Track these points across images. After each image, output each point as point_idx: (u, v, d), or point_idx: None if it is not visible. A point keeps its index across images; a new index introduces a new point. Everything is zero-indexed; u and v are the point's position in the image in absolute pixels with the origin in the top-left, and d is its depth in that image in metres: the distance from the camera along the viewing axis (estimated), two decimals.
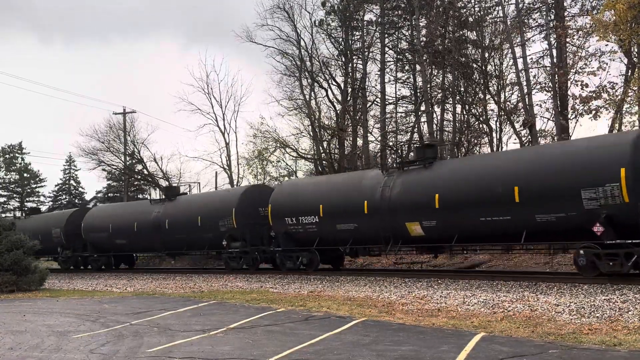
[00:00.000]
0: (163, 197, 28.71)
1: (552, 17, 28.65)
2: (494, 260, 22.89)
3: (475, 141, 32.24)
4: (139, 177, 47.97)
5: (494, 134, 31.05)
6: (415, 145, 25.89)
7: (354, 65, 36.95)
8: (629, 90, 23.63)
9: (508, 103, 29.82)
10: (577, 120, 26.49)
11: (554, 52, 27.77)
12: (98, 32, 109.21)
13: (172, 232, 26.33)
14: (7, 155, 68.62)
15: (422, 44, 31.33)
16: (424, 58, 31.15)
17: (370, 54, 36.46)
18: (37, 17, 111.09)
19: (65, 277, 29.04)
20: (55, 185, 68.44)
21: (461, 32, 31.96)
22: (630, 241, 13.71)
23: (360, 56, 36.52)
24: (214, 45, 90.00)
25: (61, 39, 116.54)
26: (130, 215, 29.11)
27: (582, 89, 25.35)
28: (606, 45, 25.27)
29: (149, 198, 29.32)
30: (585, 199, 14.26)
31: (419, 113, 34.18)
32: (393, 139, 36.35)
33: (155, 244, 27.57)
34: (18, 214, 57.41)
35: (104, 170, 47.93)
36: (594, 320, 10.49)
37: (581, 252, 14.57)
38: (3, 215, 59.39)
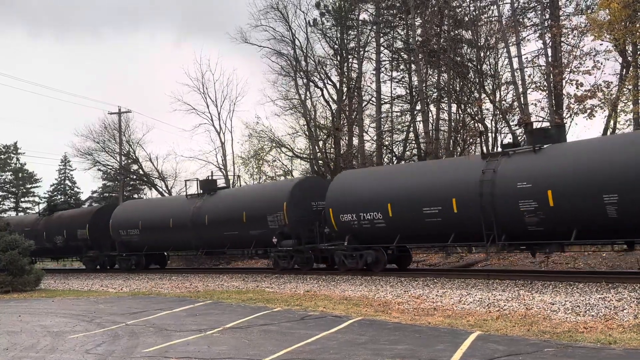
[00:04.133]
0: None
1: (547, 16, 28.71)
2: (489, 259, 22.93)
3: (471, 140, 32.31)
4: (135, 177, 47.93)
5: (490, 133, 31.11)
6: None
7: (350, 65, 36.99)
8: (624, 89, 23.73)
9: (503, 102, 29.90)
10: (573, 119, 26.59)
11: (549, 51, 27.84)
12: (89, 25, 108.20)
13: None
14: (2, 156, 68.41)
15: (417, 43, 31.37)
16: (420, 57, 31.19)
17: (366, 53, 36.52)
18: (25, 8, 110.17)
19: (61, 277, 28.97)
20: (51, 186, 68.12)
21: (456, 32, 32.02)
22: None
23: (356, 55, 36.55)
24: (209, 40, 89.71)
25: (51, 33, 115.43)
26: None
27: (577, 88, 25.46)
28: (601, 44, 25.40)
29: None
30: None
31: (415, 112, 34.22)
32: (389, 138, 36.38)
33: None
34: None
35: (99, 170, 47.90)
36: (589, 318, 10.52)
37: None
38: (6, 214, 59.01)
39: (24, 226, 32.89)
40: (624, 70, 25.20)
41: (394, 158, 34.98)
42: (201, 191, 26.06)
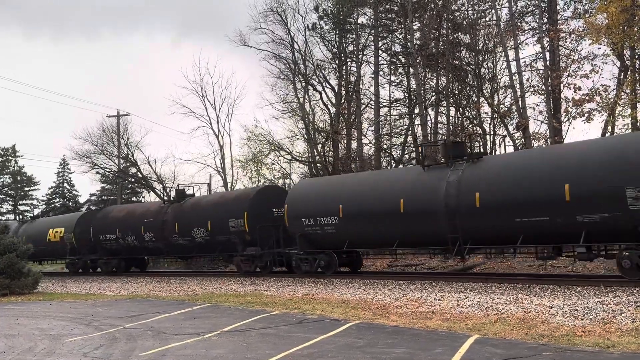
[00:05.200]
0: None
1: (545, 20, 28.80)
2: (488, 262, 22.92)
3: (469, 144, 32.34)
4: (133, 180, 47.85)
5: (488, 137, 31.16)
6: None
7: (348, 68, 37.03)
8: (622, 93, 23.77)
9: (502, 106, 29.94)
10: (570, 123, 26.65)
11: (547, 55, 27.92)
12: (87, 25, 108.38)
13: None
14: (1, 158, 68.39)
15: (415, 47, 31.43)
16: (418, 61, 31.24)
17: (364, 56, 36.58)
18: (22, 9, 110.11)
19: (59, 280, 28.95)
20: (49, 189, 68.15)
21: (455, 35, 32.09)
22: None
23: (354, 59, 36.61)
24: (207, 42, 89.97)
25: (47, 34, 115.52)
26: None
27: (575, 91, 25.52)
28: (599, 48, 25.47)
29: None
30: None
31: (413, 116, 34.27)
32: (387, 141, 36.43)
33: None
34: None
35: (97, 173, 47.77)
36: (587, 322, 10.52)
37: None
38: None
39: (142, 217, 27.39)
40: (622, 74, 25.27)
41: (393, 161, 35.01)
42: (448, 159, 17.92)
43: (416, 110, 33.40)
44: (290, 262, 21.94)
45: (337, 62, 36.79)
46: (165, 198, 27.68)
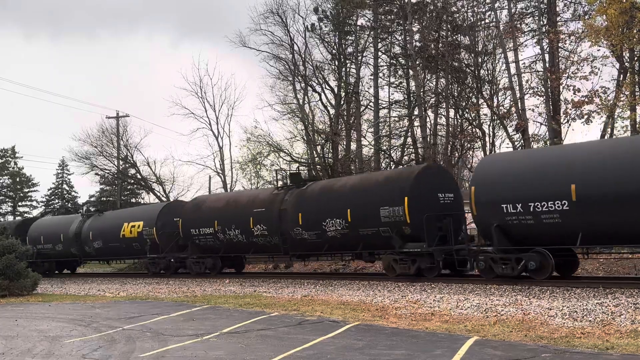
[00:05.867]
0: None
1: (545, 22, 28.85)
2: None
3: (469, 145, 32.41)
4: (132, 181, 47.88)
5: (487, 138, 31.23)
6: None
7: (348, 70, 37.06)
8: (621, 95, 23.78)
9: (501, 107, 29.98)
10: (570, 124, 26.68)
11: (547, 56, 27.95)
12: (86, 26, 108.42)
13: None
14: (0, 160, 68.38)
15: (415, 48, 31.46)
16: (417, 62, 31.28)
17: (364, 58, 36.63)
18: (21, 10, 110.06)
19: (58, 281, 28.91)
20: (48, 190, 68.16)
21: (454, 37, 32.15)
22: None
23: (354, 60, 36.65)
24: (207, 43, 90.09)
25: (47, 35, 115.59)
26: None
27: (574, 93, 25.54)
28: (598, 50, 25.49)
29: None
30: None
31: (412, 117, 34.30)
32: (386, 143, 36.46)
33: None
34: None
35: (97, 174, 47.84)
36: (586, 323, 10.52)
37: None
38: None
39: (250, 206, 22.47)
40: (621, 76, 25.29)
41: (392, 163, 35.03)
42: None
43: (415, 112, 33.44)
44: (462, 262, 17.19)
45: (336, 63, 36.85)
46: (280, 184, 22.41)
